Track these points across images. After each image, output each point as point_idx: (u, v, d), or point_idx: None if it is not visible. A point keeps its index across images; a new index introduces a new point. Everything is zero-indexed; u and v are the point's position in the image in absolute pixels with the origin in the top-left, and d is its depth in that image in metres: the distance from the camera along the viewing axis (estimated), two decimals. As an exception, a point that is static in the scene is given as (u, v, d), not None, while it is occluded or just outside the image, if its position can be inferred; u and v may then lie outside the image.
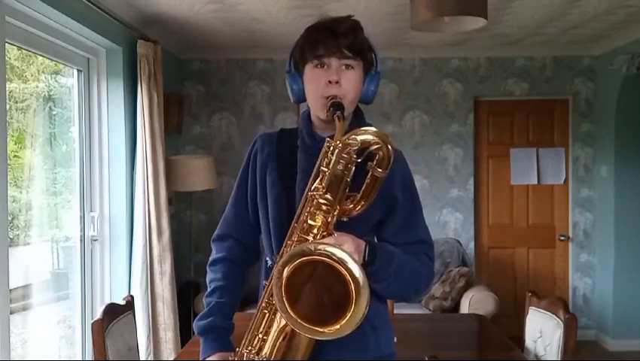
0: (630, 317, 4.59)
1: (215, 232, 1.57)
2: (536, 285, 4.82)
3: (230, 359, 1.33)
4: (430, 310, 4.09)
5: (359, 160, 1.25)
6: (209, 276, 1.52)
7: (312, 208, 1.25)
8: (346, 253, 1.13)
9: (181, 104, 4.60)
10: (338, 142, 1.25)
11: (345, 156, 1.24)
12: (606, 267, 4.73)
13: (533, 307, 2.50)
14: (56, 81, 3.33)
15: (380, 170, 1.24)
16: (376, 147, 1.24)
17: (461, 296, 4.05)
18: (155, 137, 3.57)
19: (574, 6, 3.62)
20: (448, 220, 4.87)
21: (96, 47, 3.36)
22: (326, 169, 1.25)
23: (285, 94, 4.77)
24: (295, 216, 1.30)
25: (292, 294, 1.16)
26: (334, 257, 1.13)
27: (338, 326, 1.13)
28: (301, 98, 1.44)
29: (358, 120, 1.45)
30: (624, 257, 4.61)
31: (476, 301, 3.89)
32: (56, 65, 3.22)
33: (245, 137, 4.85)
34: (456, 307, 4.06)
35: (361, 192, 1.27)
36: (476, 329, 2.99)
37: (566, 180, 4.95)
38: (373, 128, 1.25)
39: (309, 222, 1.26)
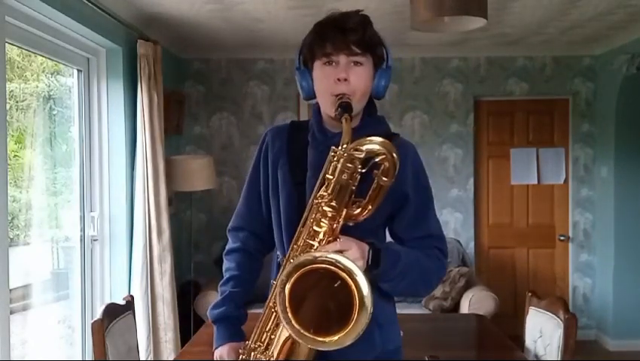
0: (630, 317, 4.59)
1: (230, 224, 1.59)
2: (536, 285, 4.81)
3: (240, 352, 1.36)
4: (430, 310, 4.09)
5: (364, 170, 1.25)
6: (225, 265, 1.55)
7: (318, 215, 1.26)
8: (353, 263, 1.13)
9: (181, 104, 4.60)
10: (343, 151, 1.24)
11: (350, 165, 1.24)
12: (606, 267, 4.73)
13: (533, 307, 2.50)
14: (57, 80, 3.32)
15: (385, 179, 1.24)
16: (381, 157, 1.23)
17: (461, 296, 4.05)
18: (155, 137, 3.57)
19: (574, 6, 3.62)
20: (448, 220, 4.86)
21: (96, 47, 3.36)
22: (331, 177, 1.25)
23: (285, 94, 4.84)
24: (301, 221, 1.30)
25: (296, 301, 1.16)
26: (339, 265, 1.13)
27: (338, 337, 1.13)
28: (311, 95, 1.43)
29: (370, 116, 1.45)
30: (624, 257, 4.60)
31: (476, 301, 3.88)
32: (56, 65, 3.22)
33: (245, 137, 4.85)
34: (456, 307, 4.05)
35: (367, 198, 1.27)
36: (476, 328, 3.00)
37: (566, 180, 4.95)
38: (378, 138, 1.24)
39: (315, 228, 1.26)
